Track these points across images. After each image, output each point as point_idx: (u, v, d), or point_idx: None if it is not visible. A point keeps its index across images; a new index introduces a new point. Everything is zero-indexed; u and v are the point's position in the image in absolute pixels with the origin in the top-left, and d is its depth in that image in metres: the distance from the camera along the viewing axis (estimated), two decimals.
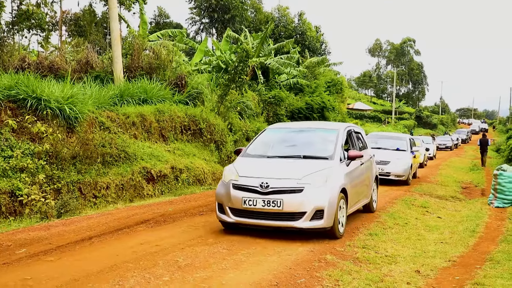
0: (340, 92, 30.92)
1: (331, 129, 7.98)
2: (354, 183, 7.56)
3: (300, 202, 6.30)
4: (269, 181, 6.44)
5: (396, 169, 14.60)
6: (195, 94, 14.95)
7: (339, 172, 6.94)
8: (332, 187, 6.55)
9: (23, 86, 8.89)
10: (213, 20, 58.10)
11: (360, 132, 9.30)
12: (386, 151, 15.30)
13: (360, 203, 8.29)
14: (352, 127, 8.82)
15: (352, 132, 8.52)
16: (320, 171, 6.62)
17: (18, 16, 24.07)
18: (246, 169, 6.92)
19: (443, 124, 77.15)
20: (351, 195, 7.26)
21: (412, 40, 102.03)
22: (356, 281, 5.15)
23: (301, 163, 6.94)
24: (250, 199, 6.45)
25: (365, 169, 8.44)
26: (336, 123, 9.67)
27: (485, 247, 7.24)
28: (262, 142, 7.94)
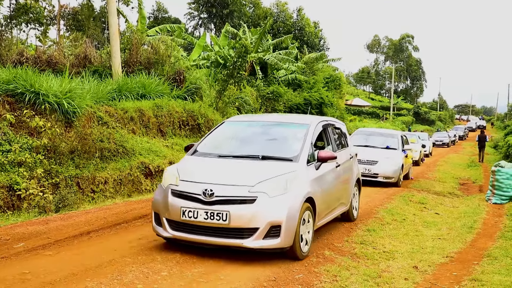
0: (338, 88, 30.93)
1: (301, 124, 6.66)
2: (326, 189, 6.31)
3: (251, 216, 5.04)
4: (215, 187, 5.20)
5: (385, 169, 13.06)
6: (193, 90, 14.93)
7: (304, 177, 5.68)
8: (293, 197, 5.29)
9: (21, 81, 8.86)
10: (212, 15, 57.97)
11: (341, 127, 8.05)
12: (374, 149, 13.85)
13: (335, 212, 7.00)
14: (329, 121, 7.55)
15: (329, 128, 7.28)
16: (279, 176, 5.39)
17: (16, 10, 23.97)
18: (189, 172, 5.67)
19: (441, 121, 77.19)
20: (320, 205, 5.99)
21: (411, 36, 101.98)
22: (354, 276, 5.17)
23: (257, 166, 5.69)
24: (190, 210, 5.17)
25: (343, 172, 7.21)
26: (311, 116, 8.05)
27: (482, 243, 7.26)
28: (217, 137, 6.68)
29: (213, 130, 6.86)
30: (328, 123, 7.33)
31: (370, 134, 15.30)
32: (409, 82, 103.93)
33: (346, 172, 7.42)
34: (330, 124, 7.40)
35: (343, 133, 7.99)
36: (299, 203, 5.31)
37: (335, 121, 8.00)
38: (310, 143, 6.15)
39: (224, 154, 6.10)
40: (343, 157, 7.32)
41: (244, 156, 5.94)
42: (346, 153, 7.64)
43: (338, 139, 7.64)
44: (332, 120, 7.81)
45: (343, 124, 8.32)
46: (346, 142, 7.97)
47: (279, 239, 5.12)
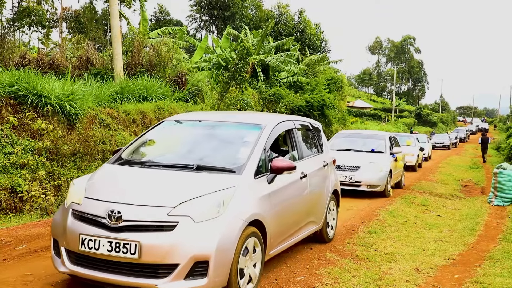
0: (340, 90, 30.91)
1: (254, 125, 5.32)
2: (284, 208, 5.04)
3: (169, 248, 3.79)
4: (124, 208, 3.98)
5: (368, 176, 11.12)
6: (195, 92, 14.95)
7: (249, 194, 4.40)
8: (229, 221, 4.05)
9: (23, 83, 8.89)
10: (213, 18, 58.05)
11: (314, 129, 6.78)
12: (356, 153, 11.93)
13: (301, 233, 5.69)
14: (297, 121, 6.28)
15: (295, 130, 5.97)
16: (211, 194, 4.12)
17: (19, 12, 24.06)
18: (98, 186, 4.47)
19: (443, 122, 77.09)
20: (274, 228, 4.74)
21: (412, 37, 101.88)
22: (355, 278, 5.17)
23: (187, 179, 4.40)
24: (91, 238, 3.95)
25: (313, 184, 5.92)
26: (271, 115, 6.85)
27: (484, 245, 7.25)
28: (150, 140, 5.47)
29: (148, 131, 5.54)
30: (295, 124, 6.06)
31: (353, 136, 13.41)
32: (411, 84, 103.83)
33: (317, 183, 6.09)
34: (298, 125, 6.15)
35: (316, 136, 6.72)
36: (238, 229, 4.06)
37: (307, 121, 6.74)
38: (263, 150, 4.81)
39: (150, 163, 4.83)
40: (313, 165, 6.00)
41: (175, 166, 4.61)
42: (318, 160, 6.32)
43: (309, 143, 6.46)
44: (302, 120, 6.55)
45: (318, 124, 7.09)
46: (320, 147, 6.68)
47: (206, 278, 3.83)
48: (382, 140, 12.69)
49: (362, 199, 10.84)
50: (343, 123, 28.60)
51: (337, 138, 13.21)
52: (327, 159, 6.68)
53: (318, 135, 6.79)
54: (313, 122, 6.94)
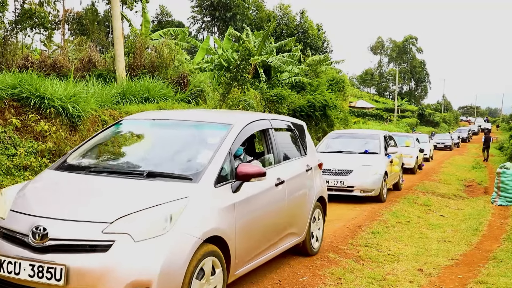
0: (342, 90, 30.91)
1: (221, 124, 4.62)
2: (254, 220, 4.39)
3: (102, 273, 3.17)
4: (51, 224, 3.35)
5: (362, 180, 10.25)
6: (197, 93, 14.96)
7: (205, 207, 3.73)
8: (178, 239, 3.39)
9: (26, 85, 8.91)
10: (215, 19, 58.09)
11: (296, 129, 6.04)
12: (349, 155, 11.15)
13: (277, 247, 4.98)
14: (276, 120, 5.62)
15: (271, 130, 5.24)
16: (155, 207, 3.46)
17: (21, 15, 24.11)
18: (28, 196, 3.81)
19: (445, 122, 76.96)
20: (241, 244, 4.09)
21: (414, 37, 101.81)
22: (358, 279, 5.16)
23: (132, 188, 3.75)
24: (10, 260, 3.31)
25: (293, 190, 5.24)
26: (242, 113, 6.26)
27: (488, 245, 7.23)
28: (100, 143, 4.76)
29: (101, 131, 4.89)
30: (272, 123, 5.33)
31: (345, 137, 12.59)
32: (413, 84, 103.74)
33: (298, 190, 5.43)
34: (275, 125, 5.46)
35: (299, 137, 5.99)
36: (189, 248, 3.41)
37: (287, 120, 6.04)
38: (228, 153, 4.14)
39: (96, 169, 4.15)
40: (293, 170, 5.36)
41: (123, 172, 3.99)
42: (299, 164, 5.66)
43: (289, 145, 5.79)
44: (281, 119, 5.86)
45: (302, 124, 6.36)
46: (303, 149, 5.96)
47: None
48: (376, 140, 11.80)
49: (364, 199, 10.82)
50: (345, 123, 28.58)
51: (328, 139, 12.38)
52: (311, 162, 5.96)
53: (301, 135, 6.05)
54: (295, 121, 6.21)
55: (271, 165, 5.02)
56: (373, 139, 11.88)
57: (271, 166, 4.99)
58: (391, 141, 12.75)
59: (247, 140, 5.22)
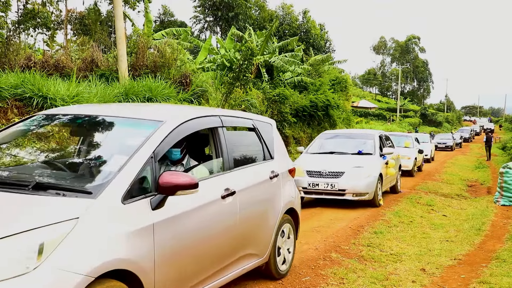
0: (344, 90, 30.88)
1: (148, 121, 3.64)
2: (185, 245, 3.41)
3: None
4: None
5: (354, 183, 9.47)
6: (199, 92, 14.98)
7: (104, 230, 2.79)
8: (53, 280, 2.43)
9: (29, 85, 8.94)
10: (217, 18, 58.13)
11: (263, 128, 5.03)
12: (340, 156, 10.38)
13: (225, 275, 4.00)
14: (230, 117, 4.55)
15: (222, 129, 4.21)
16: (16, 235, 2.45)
17: (24, 15, 24.18)
18: None
19: (448, 122, 76.85)
20: (164, 276, 3.17)
21: (417, 37, 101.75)
22: (361, 279, 5.15)
23: (3, 206, 2.76)
24: None
25: (250, 203, 4.30)
26: (181, 107, 5.21)
27: (491, 245, 7.21)
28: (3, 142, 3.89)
29: (5, 128, 3.98)
30: (223, 121, 4.26)
31: (338, 137, 11.75)
32: (415, 84, 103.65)
33: (257, 202, 4.45)
34: (228, 123, 4.39)
35: (263, 138, 4.93)
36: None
37: (247, 117, 4.95)
38: (150, 158, 3.19)
39: None
40: (249, 178, 4.37)
41: (5, 183, 2.98)
42: (261, 171, 4.66)
43: (248, 148, 4.82)
44: (237, 116, 4.81)
45: (269, 122, 5.34)
46: (268, 152, 4.94)
47: None
48: (370, 140, 10.98)
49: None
50: (348, 123, 28.56)
51: (320, 140, 11.51)
52: (278, 168, 4.96)
53: (266, 136, 5.00)
54: (259, 118, 5.17)
55: (218, 173, 4.02)
56: (368, 139, 11.08)
57: (217, 174, 4.00)
58: (388, 142, 12.03)
59: (195, 141, 4.46)
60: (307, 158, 10.50)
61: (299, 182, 9.42)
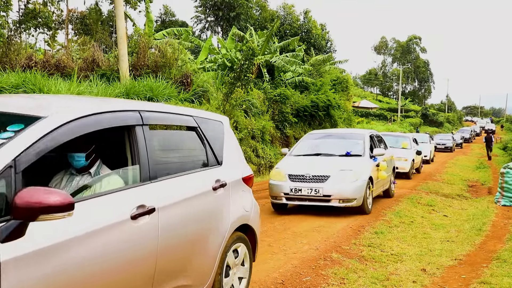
0: (345, 90, 30.91)
1: (22, 117, 2.62)
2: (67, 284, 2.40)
3: None
4: None
5: (340, 188, 8.55)
6: (200, 92, 14.99)
7: None
8: None
9: (30, 85, 8.96)
10: (218, 18, 58.14)
11: (209, 126, 4.13)
12: (326, 158, 9.42)
13: None
14: (155, 112, 3.51)
15: (142, 128, 3.25)
16: None
17: (25, 14, 24.22)
18: None
19: (449, 122, 76.81)
20: None
21: (418, 37, 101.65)
22: (361, 279, 5.15)
23: None
24: None
25: (175, 224, 3.30)
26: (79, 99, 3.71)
27: (491, 245, 7.21)
28: None
29: None
30: (145, 118, 3.29)
31: (326, 137, 10.76)
32: (416, 84, 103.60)
33: (192, 221, 3.51)
34: (153, 120, 3.41)
35: (206, 139, 3.99)
36: None
37: (185, 113, 3.91)
38: (4, 167, 2.25)
39: None
40: (180, 190, 3.42)
41: None
42: (198, 180, 3.73)
43: (183, 152, 4.02)
44: (167, 112, 3.73)
45: (218, 119, 4.39)
46: (213, 157, 4.03)
47: None
48: (360, 140, 10.07)
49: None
50: (349, 123, 28.57)
51: (305, 140, 10.57)
52: (227, 176, 4.05)
53: (214, 136, 4.12)
54: (204, 115, 4.17)
55: (133, 185, 3.08)
56: (356, 139, 10.15)
57: (130, 186, 3.05)
58: (380, 142, 11.16)
59: (113, 144, 3.55)
60: (290, 160, 9.57)
61: (280, 187, 8.77)
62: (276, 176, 9.04)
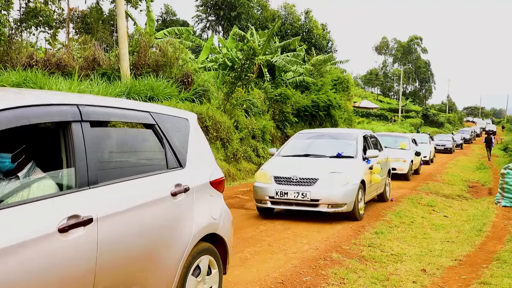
0: (346, 90, 30.90)
1: None
2: None
3: None
4: None
5: (329, 192, 7.86)
6: (201, 92, 15.00)
7: None
8: None
9: (31, 83, 8.97)
10: (219, 18, 58.14)
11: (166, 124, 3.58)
12: (315, 160, 8.80)
13: None
14: (88, 106, 2.85)
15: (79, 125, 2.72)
16: None
17: (26, 13, 24.23)
18: None
19: (450, 123, 76.79)
20: None
21: (419, 38, 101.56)
22: (361, 279, 5.15)
23: None
24: None
25: (121, 235, 2.79)
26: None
27: (492, 246, 7.21)
28: None
29: None
30: (83, 114, 2.78)
31: (316, 137, 10.08)
32: (417, 84, 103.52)
33: (143, 233, 2.98)
34: (96, 116, 2.90)
35: (167, 138, 3.50)
36: None
37: (141, 108, 3.39)
38: None
39: None
40: (130, 197, 2.95)
41: None
42: (154, 185, 3.23)
43: (136, 153, 3.49)
44: (116, 106, 3.17)
45: (184, 116, 3.89)
46: (174, 158, 3.53)
47: None
48: (352, 140, 9.41)
49: None
50: (350, 123, 28.57)
51: (294, 140, 9.95)
52: (191, 179, 3.57)
53: (176, 136, 3.63)
54: (165, 111, 3.67)
55: (66, 191, 2.61)
56: (349, 140, 9.51)
57: (62, 192, 2.58)
58: (375, 143, 10.56)
59: (49, 143, 3.10)
60: (277, 161, 8.89)
61: (265, 190, 8.06)
62: (261, 178, 8.31)
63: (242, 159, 15.03)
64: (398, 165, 15.19)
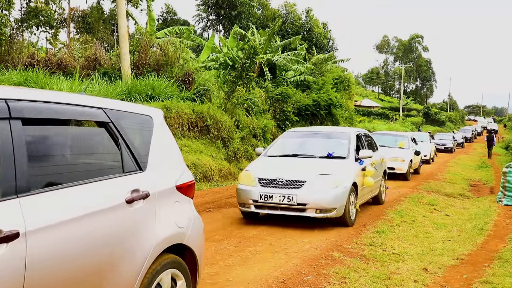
0: (347, 89, 30.89)
1: None
2: None
3: None
4: None
5: (318, 196, 7.23)
6: (202, 91, 15.00)
7: None
8: None
9: (32, 83, 8.98)
10: (220, 17, 58.12)
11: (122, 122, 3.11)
12: (304, 160, 8.18)
13: None
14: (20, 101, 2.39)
15: (5, 122, 2.27)
16: None
17: (27, 13, 24.23)
18: None
19: (451, 121, 76.71)
20: None
21: (420, 36, 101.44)
22: (363, 278, 5.14)
23: None
24: None
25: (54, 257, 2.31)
26: None
27: (493, 245, 7.20)
28: None
29: None
30: (11, 111, 2.33)
31: (306, 136, 9.50)
32: (418, 83, 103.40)
33: (89, 248, 2.55)
34: (29, 113, 2.45)
35: (124, 138, 3.09)
36: None
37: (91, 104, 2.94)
38: None
39: None
40: (71, 207, 2.50)
41: None
42: (105, 192, 2.81)
43: (83, 155, 3.00)
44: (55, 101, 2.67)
45: (146, 113, 3.47)
46: (133, 160, 3.13)
47: None
48: (345, 140, 8.75)
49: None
50: (351, 122, 28.56)
51: (283, 139, 9.29)
52: (152, 184, 3.17)
53: (136, 135, 3.27)
54: (123, 107, 3.25)
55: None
56: (341, 139, 8.86)
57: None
58: (370, 143, 9.98)
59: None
60: (262, 162, 8.26)
61: (249, 193, 7.45)
62: (244, 179, 7.68)
63: (243, 158, 15.03)
64: (396, 164, 14.97)
